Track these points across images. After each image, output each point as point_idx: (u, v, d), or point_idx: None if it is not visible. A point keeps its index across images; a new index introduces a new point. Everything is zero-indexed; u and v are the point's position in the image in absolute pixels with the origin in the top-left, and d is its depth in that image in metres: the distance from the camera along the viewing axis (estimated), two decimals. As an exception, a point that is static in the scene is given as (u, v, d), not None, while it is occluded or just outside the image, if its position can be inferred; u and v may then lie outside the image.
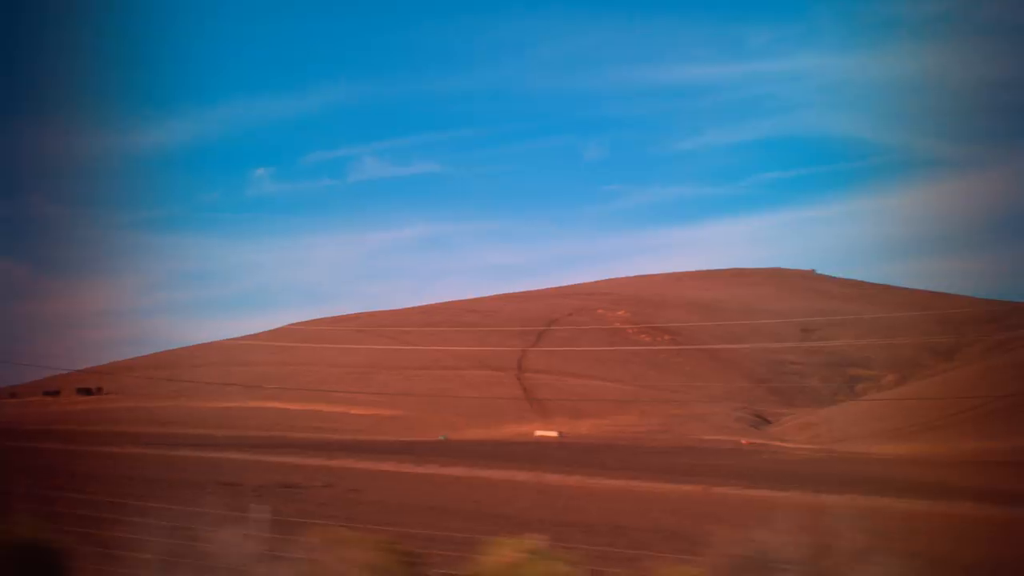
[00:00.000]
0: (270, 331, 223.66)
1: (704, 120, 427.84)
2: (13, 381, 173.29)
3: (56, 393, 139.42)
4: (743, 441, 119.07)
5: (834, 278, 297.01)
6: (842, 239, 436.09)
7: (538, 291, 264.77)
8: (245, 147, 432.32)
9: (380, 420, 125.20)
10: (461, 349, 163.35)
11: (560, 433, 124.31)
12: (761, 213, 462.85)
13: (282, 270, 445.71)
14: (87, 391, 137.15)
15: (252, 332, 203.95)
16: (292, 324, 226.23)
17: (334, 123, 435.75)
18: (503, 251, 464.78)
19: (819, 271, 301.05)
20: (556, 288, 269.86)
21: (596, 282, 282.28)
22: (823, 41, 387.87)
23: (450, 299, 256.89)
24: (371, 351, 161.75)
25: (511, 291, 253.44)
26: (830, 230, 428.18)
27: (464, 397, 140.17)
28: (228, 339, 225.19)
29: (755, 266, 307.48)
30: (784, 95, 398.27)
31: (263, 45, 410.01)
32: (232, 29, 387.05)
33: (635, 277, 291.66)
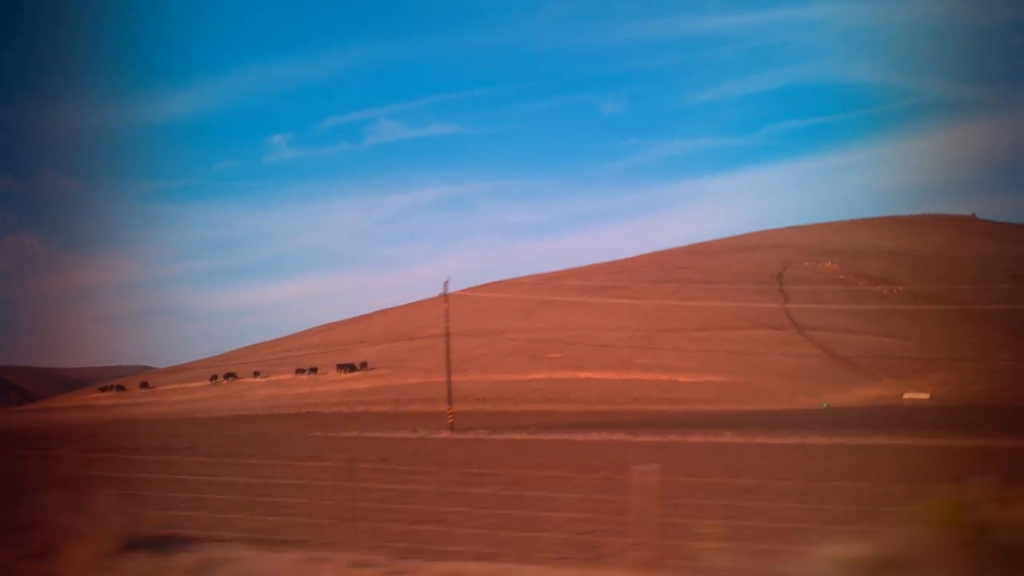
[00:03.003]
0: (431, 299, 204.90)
1: (722, 71, 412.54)
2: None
3: (314, 370, 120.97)
4: None
5: (995, 222, 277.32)
6: (878, 184, 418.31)
7: (697, 245, 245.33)
8: (261, 114, 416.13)
9: (717, 388, 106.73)
10: (723, 305, 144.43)
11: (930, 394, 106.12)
12: (784, 162, 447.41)
13: (299, 235, 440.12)
14: (350, 367, 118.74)
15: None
16: (462, 291, 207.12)
17: (349, 87, 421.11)
18: (523, 210, 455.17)
19: (979, 215, 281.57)
20: (717, 241, 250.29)
21: (751, 234, 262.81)
22: None
23: (608, 258, 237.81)
24: (625, 313, 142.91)
25: (640, 250, 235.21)
26: (858, 177, 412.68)
27: (770, 359, 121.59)
28: (396, 306, 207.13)
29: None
30: (803, 43, 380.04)
31: (275, 11, 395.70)
32: None
33: (787, 228, 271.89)
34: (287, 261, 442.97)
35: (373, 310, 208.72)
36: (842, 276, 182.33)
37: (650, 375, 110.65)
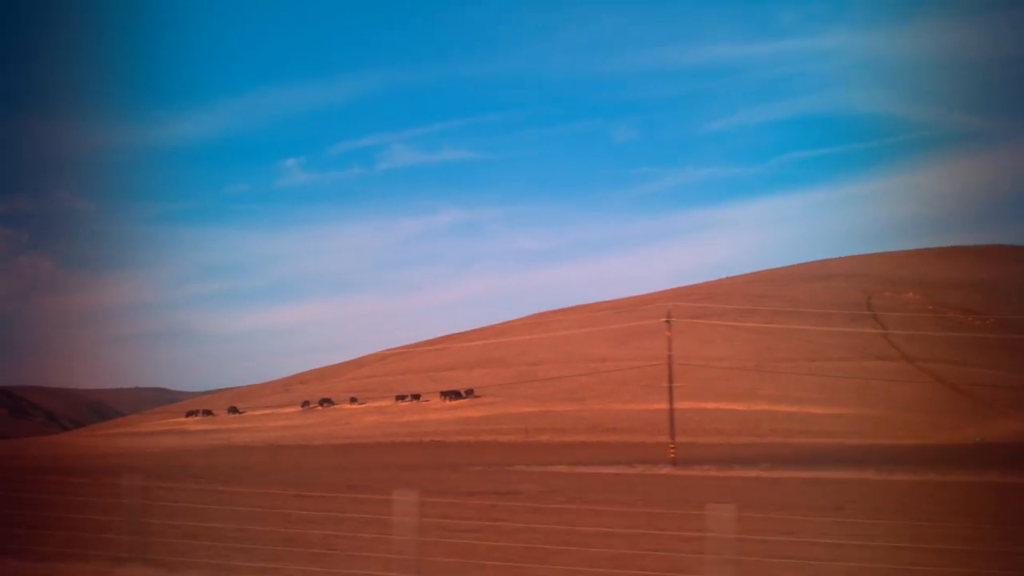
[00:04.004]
0: (505, 323, 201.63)
1: (735, 100, 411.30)
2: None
3: (417, 397, 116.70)
4: None
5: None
6: (883, 216, 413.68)
7: (760, 273, 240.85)
8: (273, 138, 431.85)
9: (850, 420, 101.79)
10: (822, 334, 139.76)
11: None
12: (794, 192, 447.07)
13: (310, 259, 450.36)
14: (455, 394, 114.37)
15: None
16: (538, 314, 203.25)
17: (362, 112, 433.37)
18: (534, 236, 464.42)
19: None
20: (778, 270, 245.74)
21: (812, 263, 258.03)
22: (852, 18, 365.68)
23: (675, 285, 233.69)
24: (723, 342, 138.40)
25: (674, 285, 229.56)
26: (867, 208, 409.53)
27: (889, 390, 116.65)
28: (471, 329, 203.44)
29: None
30: (815, 73, 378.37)
31: (289, 35, 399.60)
32: (258, 19, 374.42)
33: (846, 258, 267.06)
34: (296, 284, 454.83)
35: (443, 334, 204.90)
36: (930, 307, 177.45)
37: (779, 407, 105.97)
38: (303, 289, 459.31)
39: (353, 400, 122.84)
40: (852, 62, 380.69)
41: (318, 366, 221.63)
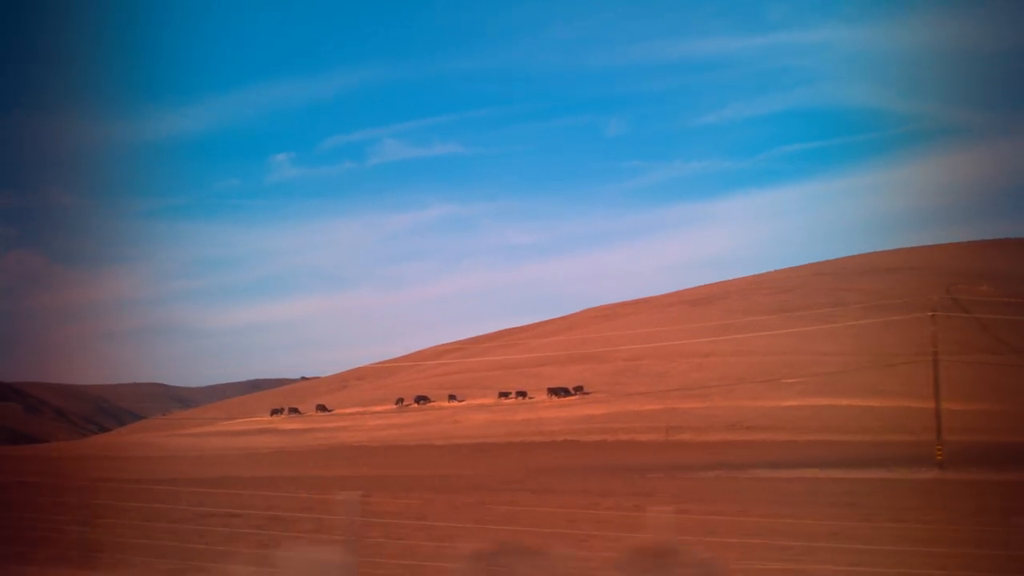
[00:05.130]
0: (575, 314, 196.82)
1: (727, 93, 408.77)
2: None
3: (523, 395, 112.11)
4: None
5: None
6: (875, 210, 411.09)
7: (817, 265, 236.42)
8: (264, 133, 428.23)
9: (989, 416, 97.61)
10: (914, 326, 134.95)
11: None
12: (785, 186, 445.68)
13: (301, 254, 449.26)
14: (563, 391, 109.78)
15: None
16: (588, 309, 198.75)
17: (353, 106, 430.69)
18: (524, 230, 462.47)
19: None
20: (833, 262, 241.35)
21: (867, 255, 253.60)
22: (844, 11, 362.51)
23: (720, 279, 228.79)
24: (820, 336, 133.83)
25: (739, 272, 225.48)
26: (859, 201, 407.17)
27: (1011, 384, 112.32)
28: (512, 328, 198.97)
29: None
30: (806, 67, 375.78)
31: (280, 30, 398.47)
32: (247, 14, 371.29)
33: (902, 250, 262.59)
34: (288, 280, 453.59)
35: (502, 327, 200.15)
36: (1006, 299, 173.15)
37: (915, 403, 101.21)
38: (295, 284, 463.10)
39: (452, 398, 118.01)
40: (844, 55, 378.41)
41: (365, 363, 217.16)
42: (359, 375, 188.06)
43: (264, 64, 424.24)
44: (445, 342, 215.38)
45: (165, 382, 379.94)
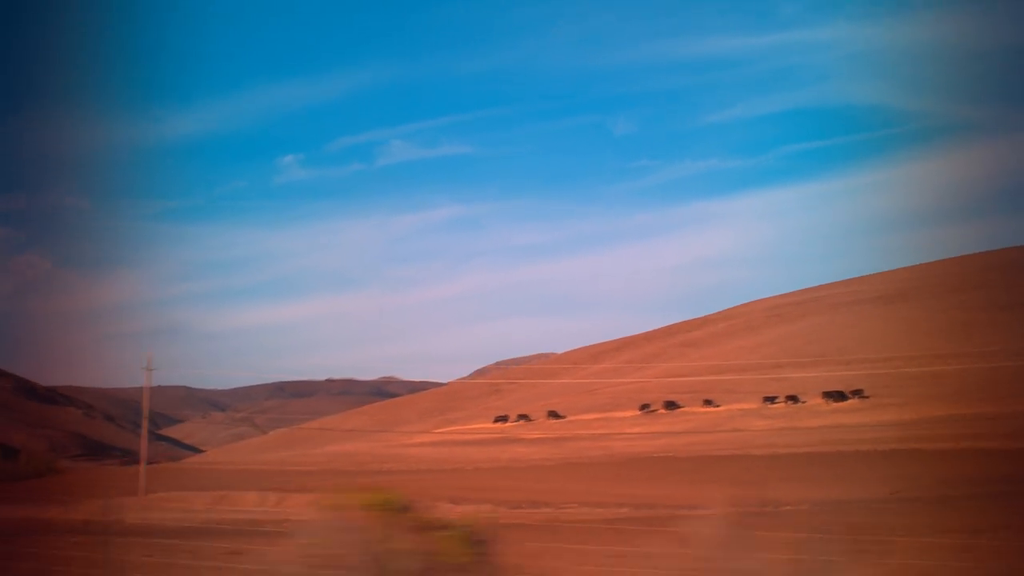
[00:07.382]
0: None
1: (735, 92, 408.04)
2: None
3: (795, 399, 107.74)
4: None
5: None
6: (884, 208, 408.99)
7: (944, 263, 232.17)
8: (271, 134, 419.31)
9: None
10: None
11: None
12: (794, 184, 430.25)
13: (309, 256, 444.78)
14: (839, 395, 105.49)
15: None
16: (753, 303, 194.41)
17: (360, 107, 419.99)
18: (532, 230, 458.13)
19: None
20: (962, 259, 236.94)
21: (990, 253, 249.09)
22: (854, 8, 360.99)
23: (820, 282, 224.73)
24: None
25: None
26: (866, 200, 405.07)
27: None
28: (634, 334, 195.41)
29: None
30: (815, 65, 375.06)
31: (287, 31, 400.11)
32: (253, 15, 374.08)
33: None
34: (296, 281, 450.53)
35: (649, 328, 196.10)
36: None
37: None
38: (304, 285, 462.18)
39: (708, 403, 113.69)
40: (852, 53, 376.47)
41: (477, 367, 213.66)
42: (495, 388, 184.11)
43: (271, 65, 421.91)
44: (597, 342, 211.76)
45: (188, 384, 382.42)
